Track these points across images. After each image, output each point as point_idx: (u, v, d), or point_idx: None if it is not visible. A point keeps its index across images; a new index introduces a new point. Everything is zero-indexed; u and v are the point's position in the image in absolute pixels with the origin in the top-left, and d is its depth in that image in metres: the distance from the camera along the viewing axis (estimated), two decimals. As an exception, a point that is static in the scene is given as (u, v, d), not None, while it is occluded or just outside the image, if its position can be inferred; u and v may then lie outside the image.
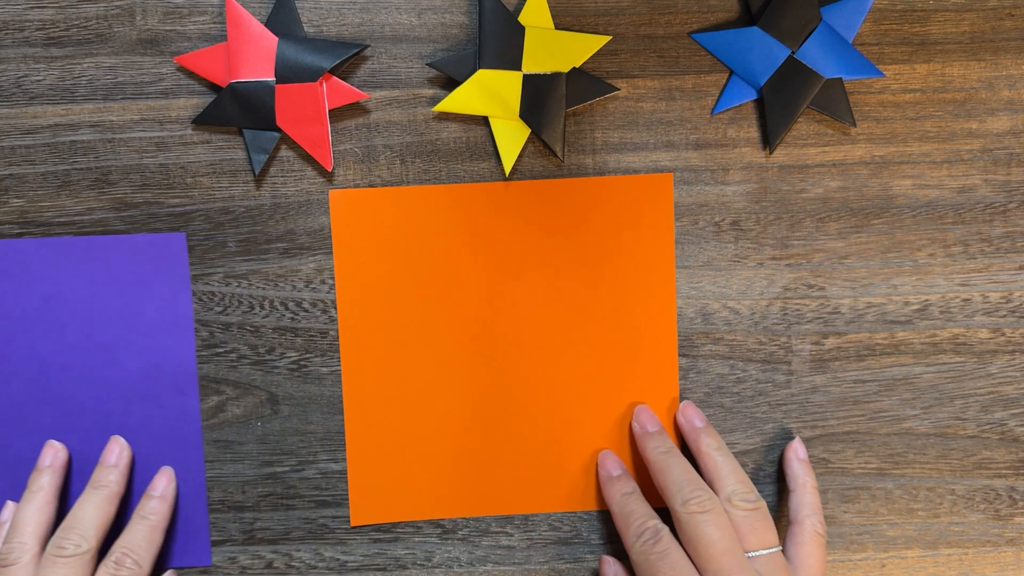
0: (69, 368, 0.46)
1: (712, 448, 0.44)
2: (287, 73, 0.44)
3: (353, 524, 0.47)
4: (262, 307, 0.46)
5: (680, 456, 0.44)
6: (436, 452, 0.46)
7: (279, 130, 0.45)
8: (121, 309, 0.46)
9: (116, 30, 0.45)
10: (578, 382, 0.46)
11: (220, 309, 0.46)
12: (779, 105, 0.45)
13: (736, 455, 0.47)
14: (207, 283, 0.46)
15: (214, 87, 0.45)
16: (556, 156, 0.46)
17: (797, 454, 0.46)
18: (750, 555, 0.41)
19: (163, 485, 0.45)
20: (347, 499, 0.47)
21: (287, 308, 0.46)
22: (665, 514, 0.44)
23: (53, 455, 0.45)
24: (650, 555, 0.41)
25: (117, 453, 0.45)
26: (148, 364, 0.46)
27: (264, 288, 0.46)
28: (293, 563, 0.47)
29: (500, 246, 0.46)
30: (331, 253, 0.46)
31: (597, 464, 0.47)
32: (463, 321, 0.46)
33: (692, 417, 0.46)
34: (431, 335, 0.46)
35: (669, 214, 0.46)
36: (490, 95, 0.44)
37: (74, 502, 0.44)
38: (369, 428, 0.46)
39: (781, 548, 0.43)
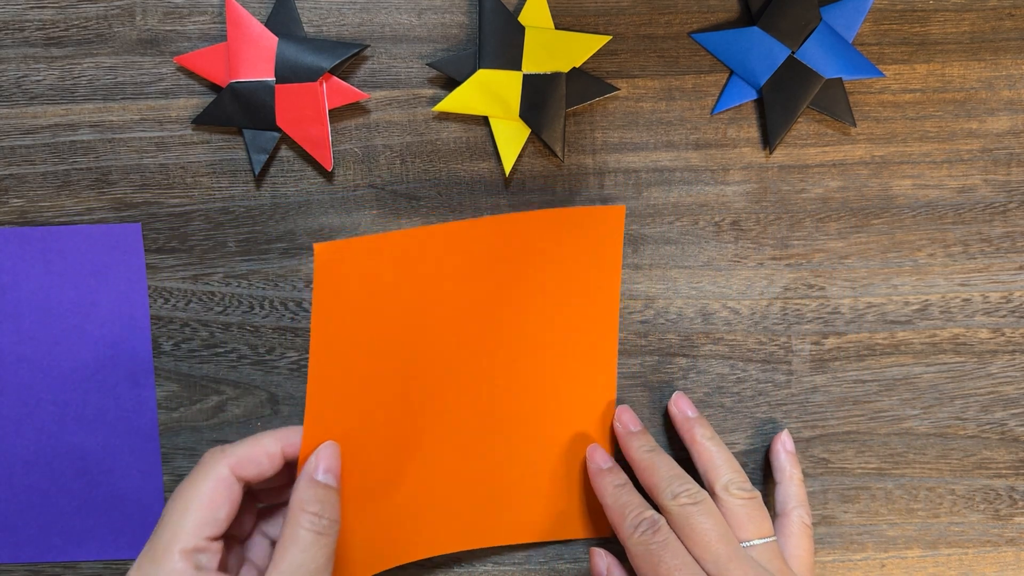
0: (25, 359, 0.46)
1: (706, 438, 0.44)
2: (287, 73, 0.44)
3: None
4: (262, 307, 0.46)
5: (664, 454, 0.44)
6: (386, 497, 0.43)
7: (279, 130, 0.45)
8: (76, 299, 0.46)
9: (116, 30, 0.45)
10: (522, 415, 0.45)
11: (220, 309, 0.46)
12: (779, 105, 0.45)
13: (736, 455, 0.47)
14: (207, 283, 0.46)
15: (214, 87, 0.45)
16: (556, 156, 0.46)
17: (785, 446, 0.46)
18: (747, 544, 0.41)
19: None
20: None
21: (287, 308, 0.46)
22: None
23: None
24: (650, 545, 0.41)
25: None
26: (104, 355, 0.46)
27: (264, 288, 0.46)
28: (293, 563, 0.47)
29: (474, 284, 0.43)
30: None
31: (586, 458, 0.46)
32: (426, 364, 0.42)
33: (684, 407, 0.46)
34: (397, 379, 0.42)
35: (618, 246, 0.45)
36: (490, 95, 0.44)
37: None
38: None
39: (776, 538, 0.43)
